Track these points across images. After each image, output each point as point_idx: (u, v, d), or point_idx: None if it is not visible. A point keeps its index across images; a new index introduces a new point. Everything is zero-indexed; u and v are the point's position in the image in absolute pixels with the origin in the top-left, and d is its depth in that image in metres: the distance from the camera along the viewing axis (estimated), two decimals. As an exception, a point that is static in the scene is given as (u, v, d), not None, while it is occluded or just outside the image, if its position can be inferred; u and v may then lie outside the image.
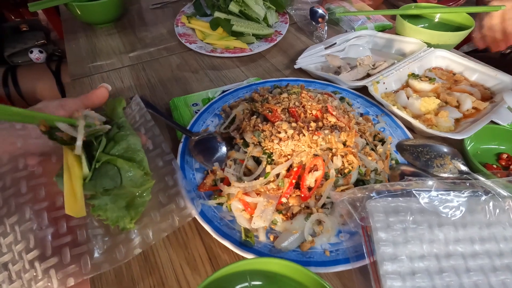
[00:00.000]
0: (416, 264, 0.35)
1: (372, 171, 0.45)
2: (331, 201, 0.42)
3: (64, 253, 0.32)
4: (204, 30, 0.81)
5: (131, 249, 0.34)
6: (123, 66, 0.75)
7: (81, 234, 0.34)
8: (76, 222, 0.35)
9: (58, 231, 0.34)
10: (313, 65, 0.71)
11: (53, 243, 0.33)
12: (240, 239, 0.39)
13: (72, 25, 0.90)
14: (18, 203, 0.34)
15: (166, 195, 0.37)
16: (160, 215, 0.36)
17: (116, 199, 0.34)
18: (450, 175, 0.45)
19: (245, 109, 0.53)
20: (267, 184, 0.42)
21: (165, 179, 0.38)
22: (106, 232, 0.35)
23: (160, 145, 0.41)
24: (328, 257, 0.37)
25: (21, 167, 0.36)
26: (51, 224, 0.33)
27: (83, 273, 0.32)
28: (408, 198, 0.39)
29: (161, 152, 0.41)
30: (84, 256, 0.33)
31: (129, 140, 0.36)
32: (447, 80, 0.63)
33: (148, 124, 0.43)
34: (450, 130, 0.52)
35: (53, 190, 0.35)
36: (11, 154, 0.37)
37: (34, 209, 0.34)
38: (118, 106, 0.42)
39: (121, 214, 0.33)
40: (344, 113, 0.51)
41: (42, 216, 0.33)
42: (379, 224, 0.37)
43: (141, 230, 0.35)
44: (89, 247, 0.33)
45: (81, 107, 0.41)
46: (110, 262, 0.33)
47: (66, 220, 0.34)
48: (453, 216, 0.38)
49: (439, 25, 0.78)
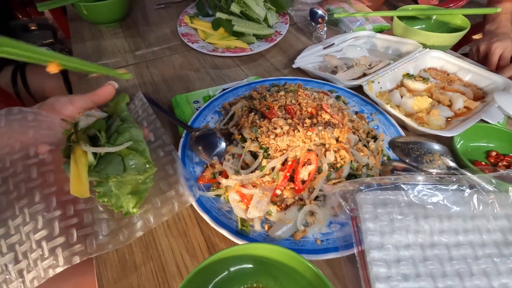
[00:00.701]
0: (401, 253, 0.37)
1: (363, 166, 0.47)
2: (324, 194, 0.44)
3: (70, 233, 0.35)
4: (206, 30, 0.84)
5: (133, 232, 0.36)
6: (127, 65, 0.77)
7: (87, 217, 0.37)
8: (83, 206, 0.37)
9: (66, 213, 0.36)
10: (311, 65, 0.73)
11: (61, 224, 0.35)
12: (236, 228, 0.41)
13: (78, 24, 0.93)
14: (28, 188, 0.36)
15: (167, 182, 0.40)
16: (161, 201, 0.39)
17: (120, 186, 0.36)
18: (438, 170, 0.47)
19: (244, 106, 0.55)
20: (263, 177, 0.44)
21: (166, 168, 0.41)
22: (110, 217, 0.37)
23: (161, 137, 0.44)
24: (319, 246, 0.39)
25: (32, 155, 0.39)
26: (59, 207, 0.36)
27: (88, 252, 0.34)
28: (396, 191, 0.41)
29: (162, 144, 0.43)
30: (90, 237, 0.35)
31: (132, 131, 0.39)
32: (441, 80, 0.65)
33: (150, 118, 0.46)
34: (441, 128, 0.54)
35: (62, 177, 0.38)
36: (23, 143, 0.40)
37: (43, 193, 0.36)
38: (122, 101, 0.45)
39: (125, 200, 0.36)
40: (338, 110, 0.53)
41: (51, 200, 0.36)
42: (368, 215, 0.39)
43: (142, 214, 0.38)
44: (94, 229, 0.36)
45: (88, 102, 0.44)
46: (114, 243, 0.36)
47: (73, 204, 0.37)
48: (438, 209, 0.40)
49: (436, 26, 0.80)
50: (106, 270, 0.40)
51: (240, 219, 0.42)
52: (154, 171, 0.38)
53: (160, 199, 0.39)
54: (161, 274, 0.40)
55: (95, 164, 0.37)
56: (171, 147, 0.44)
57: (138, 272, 0.40)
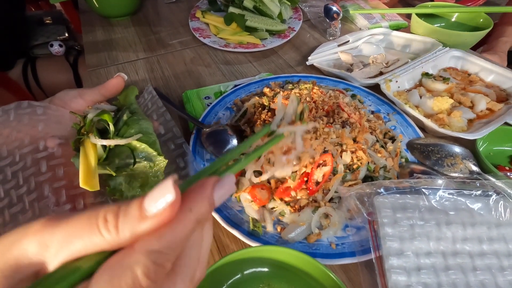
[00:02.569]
0: (422, 260, 0.35)
1: (381, 168, 0.45)
2: (339, 196, 0.42)
3: None
4: (218, 25, 0.82)
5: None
6: (138, 59, 0.76)
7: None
8: (92, 201, 0.36)
9: (76, 207, 0.35)
10: (325, 62, 0.71)
11: None
12: (248, 229, 0.40)
13: (89, 17, 0.93)
14: (38, 181, 0.36)
15: (178, 176, 0.39)
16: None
17: (130, 180, 0.35)
18: (460, 175, 0.45)
19: (256, 103, 0.53)
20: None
21: (177, 161, 0.40)
22: None
23: (172, 129, 0.43)
24: (334, 250, 0.38)
25: (41, 148, 0.38)
26: (68, 201, 0.35)
27: None
28: (416, 195, 0.39)
29: (173, 136, 0.42)
30: None
31: (141, 124, 0.38)
32: (461, 81, 0.62)
33: (160, 111, 0.45)
34: (462, 130, 0.51)
35: (71, 171, 0.37)
36: (32, 136, 0.39)
37: (53, 187, 0.35)
38: (131, 94, 0.45)
39: (136, 194, 0.35)
40: (355, 109, 0.51)
41: (61, 193, 0.35)
42: (386, 220, 0.37)
43: None
44: None
45: (98, 95, 0.43)
46: None
47: (83, 198, 0.36)
48: (461, 215, 0.38)
49: (455, 25, 0.77)
50: (113, 268, 0.39)
51: (252, 219, 0.40)
52: (165, 164, 0.37)
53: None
54: (169, 274, 0.38)
55: (105, 157, 0.36)
56: (181, 140, 0.43)
57: (146, 271, 0.39)
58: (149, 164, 0.37)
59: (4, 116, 0.39)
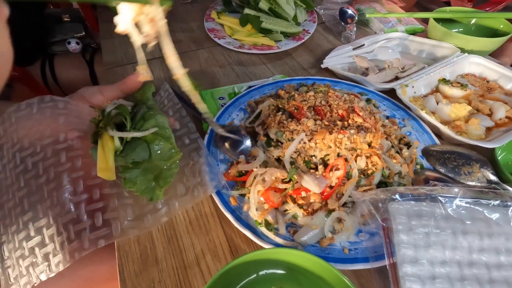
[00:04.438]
0: (437, 269, 0.34)
1: (396, 174, 0.45)
2: (352, 200, 0.42)
3: (96, 216, 0.35)
4: (233, 26, 0.83)
5: (158, 218, 0.36)
6: (153, 58, 0.77)
7: (112, 202, 0.37)
8: (108, 191, 0.37)
9: (92, 197, 0.36)
10: (340, 66, 0.70)
11: (87, 208, 0.35)
12: (260, 230, 0.40)
13: (107, 16, 0.95)
14: (57, 171, 0.37)
15: (192, 170, 0.40)
16: (186, 187, 0.39)
17: (145, 173, 0.37)
18: (477, 183, 0.44)
19: (271, 105, 0.54)
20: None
21: (191, 155, 0.41)
22: (135, 203, 0.38)
23: (187, 125, 0.44)
24: (347, 255, 0.37)
25: (61, 140, 0.39)
26: (86, 191, 0.36)
27: (113, 236, 0.34)
28: (432, 203, 0.39)
29: (188, 131, 0.44)
30: (115, 221, 0.35)
31: (158, 118, 0.40)
32: (480, 88, 0.61)
33: (176, 107, 0.46)
34: (480, 139, 0.50)
35: (89, 162, 0.38)
36: (53, 129, 0.40)
37: (71, 177, 0.36)
38: (148, 91, 0.46)
39: (150, 186, 0.36)
40: (370, 114, 0.50)
41: (78, 183, 0.36)
42: (401, 227, 0.37)
43: (167, 201, 0.37)
44: (119, 214, 0.36)
45: (117, 91, 0.44)
46: (139, 228, 0.35)
47: (99, 188, 0.37)
48: (478, 225, 0.37)
49: (474, 30, 0.76)
50: (128, 263, 0.39)
51: (264, 221, 0.40)
52: (179, 157, 0.38)
53: (185, 186, 0.39)
54: (182, 271, 0.39)
55: (121, 149, 0.37)
56: (196, 135, 0.44)
57: (159, 267, 0.39)
58: (164, 157, 0.38)
59: (28, 109, 0.41)
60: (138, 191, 0.37)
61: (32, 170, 0.38)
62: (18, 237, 0.35)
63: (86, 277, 0.56)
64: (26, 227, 0.35)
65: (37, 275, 0.34)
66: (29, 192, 0.37)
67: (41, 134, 0.41)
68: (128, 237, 0.42)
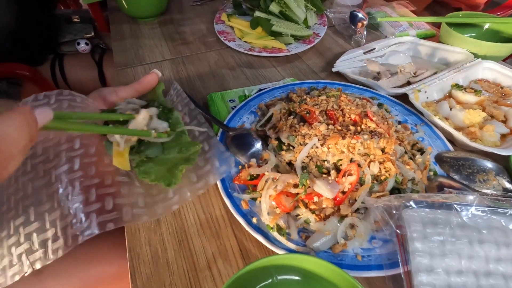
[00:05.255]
0: (452, 279, 0.34)
1: (409, 180, 0.44)
2: (365, 207, 0.42)
3: (107, 200, 0.34)
4: (243, 28, 0.83)
5: (169, 206, 0.36)
6: (164, 60, 0.78)
7: (124, 189, 0.37)
8: (121, 179, 0.37)
9: (104, 182, 0.36)
10: (351, 69, 0.70)
11: (98, 192, 0.35)
12: (272, 235, 0.39)
13: (118, 18, 0.95)
14: (69, 157, 0.36)
15: (203, 158, 0.41)
16: (197, 176, 0.39)
17: (160, 164, 0.38)
18: (493, 191, 0.43)
19: (283, 108, 0.53)
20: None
21: (202, 145, 0.42)
22: (146, 193, 0.38)
23: (196, 117, 0.45)
24: (360, 262, 0.37)
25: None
26: (98, 175, 0.36)
27: (124, 220, 0.34)
28: (447, 211, 0.38)
29: (197, 123, 0.45)
30: (126, 206, 0.35)
31: (174, 115, 0.41)
32: (493, 93, 0.60)
33: (184, 101, 0.48)
34: (495, 145, 0.49)
35: (103, 151, 0.38)
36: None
37: (84, 161, 0.36)
38: (158, 89, 0.48)
39: (166, 175, 0.37)
40: (383, 119, 0.50)
41: (90, 168, 0.36)
42: (416, 234, 0.36)
43: (178, 190, 0.38)
44: (130, 200, 0.36)
45: (132, 91, 0.45)
46: (149, 215, 0.35)
47: (112, 175, 0.37)
48: (495, 234, 0.36)
49: (487, 35, 0.75)
50: (139, 265, 0.40)
51: (276, 225, 0.40)
52: (199, 148, 0.39)
53: (196, 174, 0.39)
54: (193, 274, 0.39)
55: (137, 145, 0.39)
56: (206, 126, 0.45)
57: (170, 270, 0.39)
58: (181, 150, 0.39)
59: (45, 99, 0.41)
60: (153, 180, 0.37)
61: (42, 155, 0.38)
62: (15, 223, 0.34)
63: (95, 277, 0.56)
64: (26, 212, 0.34)
65: (30, 263, 0.32)
66: (35, 177, 0.36)
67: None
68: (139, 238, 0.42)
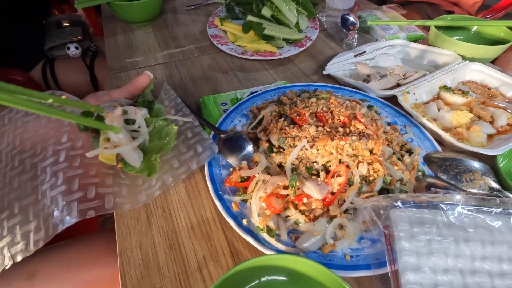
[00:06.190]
0: (439, 277, 0.34)
1: (397, 180, 0.45)
2: (354, 207, 0.42)
3: (89, 190, 0.35)
4: (235, 32, 0.84)
5: (151, 193, 0.37)
6: (157, 64, 0.78)
7: (108, 180, 0.37)
8: (106, 170, 0.38)
9: (88, 173, 0.36)
10: (342, 72, 0.71)
11: (81, 181, 0.35)
12: (262, 236, 0.40)
13: (112, 22, 0.96)
14: (56, 150, 0.37)
15: (185, 145, 0.43)
16: (179, 162, 0.40)
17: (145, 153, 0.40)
18: (479, 191, 0.44)
19: (273, 111, 0.54)
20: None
21: (185, 132, 0.44)
22: (132, 183, 0.39)
23: (181, 109, 0.47)
24: (349, 262, 0.37)
25: (65, 124, 0.41)
26: (82, 166, 0.36)
27: (105, 208, 0.34)
28: (434, 210, 0.39)
29: (182, 114, 0.47)
30: (109, 196, 0.35)
31: (154, 106, 0.45)
32: (481, 95, 0.61)
33: (171, 97, 0.50)
34: (482, 146, 0.50)
35: (90, 145, 0.39)
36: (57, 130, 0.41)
37: (69, 154, 0.37)
38: (147, 89, 0.51)
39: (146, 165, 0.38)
40: (372, 121, 0.51)
41: (75, 160, 0.37)
42: (403, 234, 0.37)
43: (161, 176, 0.39)
44: (114, 190, 0.36)
45: (125, 93, 0.46)
46: (132, 203, 0.36)
47: (96, 167, 0.37)
48: (480, 233, 0.37)
49: (475, 38, 0.76)
50: (129, 268, 0.40)
51: (266, 227, 0.40)
52: (175, 130, 0.40)
53: (178, 160, 0.40)
54: (183, 277, 0.39)
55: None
56: (191, 117, 0.46)
57: (161, 273, 0.39)
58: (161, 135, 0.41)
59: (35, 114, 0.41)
60: (137, 172, 0.39)
61: (30, 150, 0.38)
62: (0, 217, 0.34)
63: (88, 281, 0.56)
64: (11, 206, 0.34)
65: (11, 255, 0.32)
66: (22, 171, 0.37)
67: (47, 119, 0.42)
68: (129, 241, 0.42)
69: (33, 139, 0.39)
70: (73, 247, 0.60)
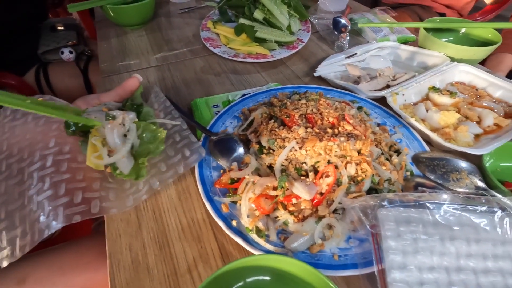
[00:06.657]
0: (425, 275, 0.35)
1: (385, 180, 0.46)
2: (343, 207, 0.43)
3: (76, 194, 0.35)
4: (228, 35, 0.84)
5: (138, 197, 0.37)
6: (150, 66, 0.79)
7: (95, 184, 0.37)
8: (93, 175, 0.38)
9: (75, 177, 0.37)
10: (333, 74, 0.72)
11: (68, 186, 0.35)
12: (251, 237, 0.40)
13: (105, 26, 0.96)
14: (43, 155, 0.37)
15: (173, 148, 0.43)
16: (167, 165, 0.40)
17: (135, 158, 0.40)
18: (466, 190, 0.45)
19: (264, 113, 0.54)
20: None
21: (173, 136, 0.44)
22: (119, 187, 0.39)
23: (171, 112, 0.47)
24: (337, 261, 0.38)
25: (53, 128, 0.40)
26: (69, 171, 0.37)
27: (91, 213, 0.34)
28: (420, 209, 0.39)
29: (171, 117, 0.47)
30: (95, 200, 0.35)
31: (143, 110, 0.45)
32: (469, 95, 0.62)
33: (161, 100, 0.50)
34: (469, 145, 0.51)
35: (78, 149, 0.39)
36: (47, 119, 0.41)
37: (56, 158, 0.37)
38: (137, 91, 0.51)
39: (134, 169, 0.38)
40: (360, 122, 0.51)
41: (62, 164, 0.37)
42: (389, 233, 0.37)
43: (148, 179, 0.39)
44: (101, 194, 0.36)
45: (115, 96, 0.46)
46: (118, 208, 0.36)
47: (84, 171, 0.37)
48: (466, 231, 0.37)
49: (463, 39, 0.77)
50: (119, 271, 0.40)
51: (255, 228, 0.41)
52: (164, 135, 0.41)
53: (166, 164, 0.41)
54: (173, 278, 0.39)
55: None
56: (179, 120, 0.46)
57: (150, 275, 0.39)
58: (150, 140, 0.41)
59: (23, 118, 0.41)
60: (126, 176, 0.39)
61: (17, 155, 0.38)
62: None
63: (80, 285, 0.56)
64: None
65: None
66: (9, 176, 0.37)
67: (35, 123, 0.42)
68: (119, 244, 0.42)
69: (21, 143, 0.39)
70: (65, 251, 0.60)
